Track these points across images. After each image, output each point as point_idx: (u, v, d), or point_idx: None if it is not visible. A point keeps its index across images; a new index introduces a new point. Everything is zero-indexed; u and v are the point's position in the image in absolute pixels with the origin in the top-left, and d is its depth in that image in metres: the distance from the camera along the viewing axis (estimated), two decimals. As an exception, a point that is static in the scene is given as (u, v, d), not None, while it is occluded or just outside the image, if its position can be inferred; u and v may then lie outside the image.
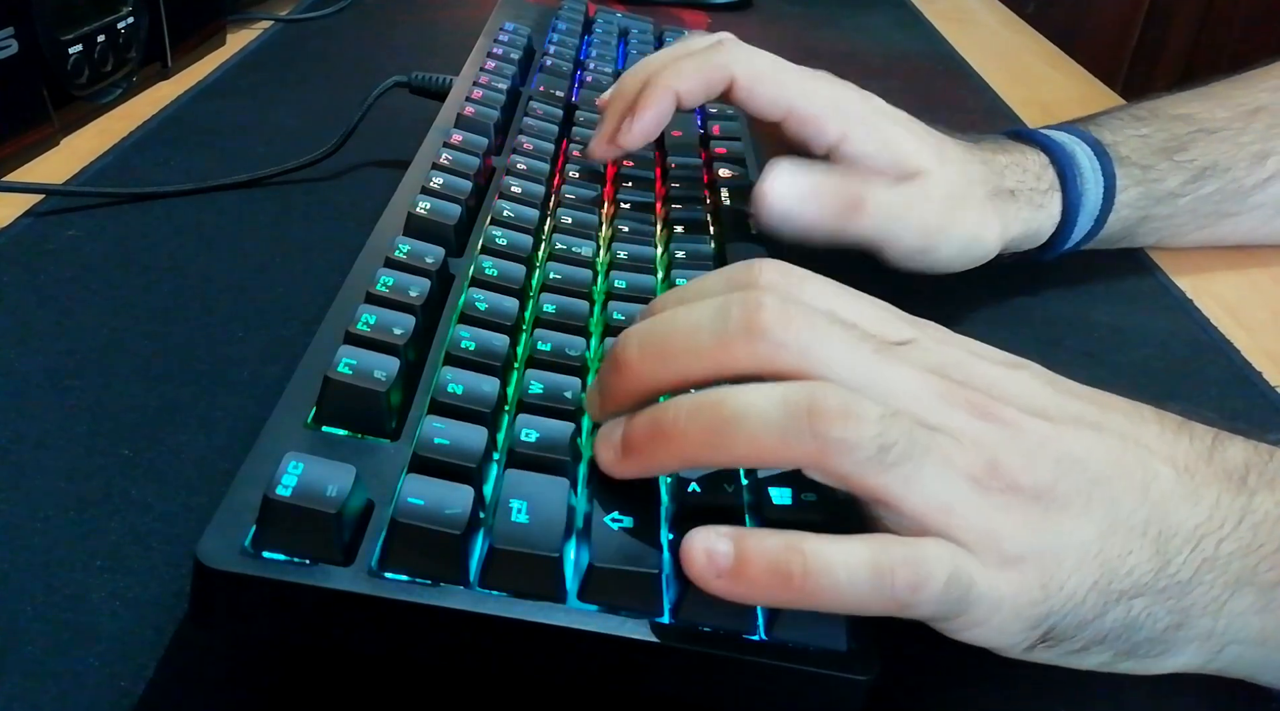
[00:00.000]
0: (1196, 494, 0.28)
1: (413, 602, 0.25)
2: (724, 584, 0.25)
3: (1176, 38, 1.30)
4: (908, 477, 0.25)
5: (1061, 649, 0.27)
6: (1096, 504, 0.27)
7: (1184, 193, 0.51)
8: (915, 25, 0.97)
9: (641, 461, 0.27)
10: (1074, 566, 0.26)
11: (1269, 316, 0.52)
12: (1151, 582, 0.27)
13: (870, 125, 0.43)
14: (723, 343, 0.26)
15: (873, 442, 0.25)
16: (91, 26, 0.58)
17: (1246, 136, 0.52)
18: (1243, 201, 0.53)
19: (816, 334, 0.26)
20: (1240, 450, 0.29)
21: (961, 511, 0.26)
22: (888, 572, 0.25)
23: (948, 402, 0.27)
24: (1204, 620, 0.27)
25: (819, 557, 0.24)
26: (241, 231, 0.50)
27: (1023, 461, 0.26)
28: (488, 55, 0.56)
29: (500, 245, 0.38)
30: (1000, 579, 0.26)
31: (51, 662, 0.28)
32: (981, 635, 0.27)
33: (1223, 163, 0.51)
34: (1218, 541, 0.27)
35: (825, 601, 0.25)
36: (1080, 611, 0.26)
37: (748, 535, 0.25)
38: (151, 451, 0.36)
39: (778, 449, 0.25)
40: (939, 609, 0.25)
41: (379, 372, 0.29)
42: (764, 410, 0.25)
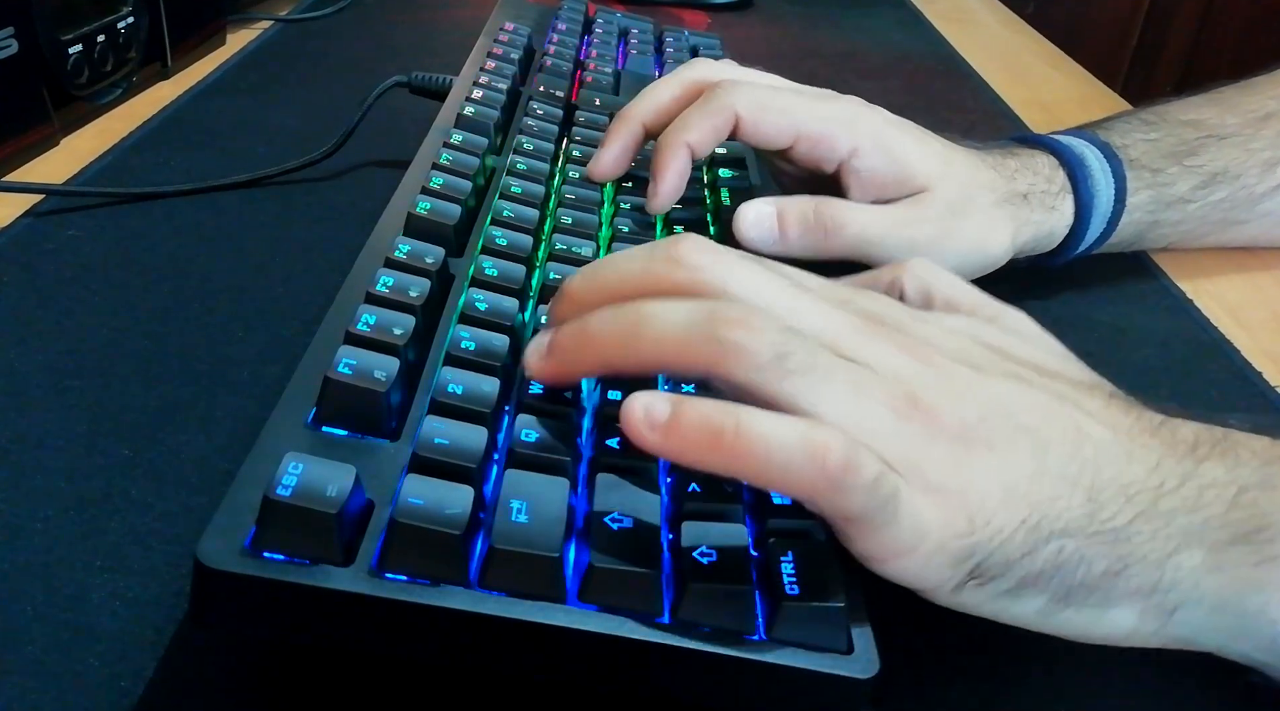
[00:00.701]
0: (1133, 454, 0.28)
1: (413, 602, 0.25)
2: (656, 437, 0.25)
3: (1176, 38, 1.30)
4: (809, 390, 0.26)
5: (992, 588, 0.27)
6: (1023, 448, 0.27)
7: (1194, 198, 0.51)
8: (915, 25, 0.97)
9: (563, 360, 0.29)
10: (1000, 503, 0.26)
11: (1269, 316, 0.52)
12: (1083, 526, 0.27)
13: (879, 138, 0.44)
14: (648, 269, 0.29)
15: (769, 349, 0.26)
16: (91, 26, 0.58)
17: (1257, 143, 0.52)
18: (1252, 208, 0.53)
19: (728, 262, 0.29)
20: (1193, 429, 0.29)
21: (879, 433, 0.26)
22: (821, 447, 0.24)
23: (868, 337, 0.28)
24: (1145, 570, 0.27)
25: (753, 420, 0.25)
26: (241, 231, 0.50)
27: (944, 398, 0.27)
28: (488, 55, 0.56)
29: (500, 245, 0.38)
30: (924, 503, 0.26)
31: (51, 662, 0.28)
32: (908, 567, 0.26)
33: (1233, 169, 0.51)
34: (1156, 497, 0.27)
35: (756, 467, 0.25)
36: (1008, 547, 0.26)
37: (686, 398, 0.26)
38: (151, 451, 0.36)
39: (680, 351, 0.26)
40: (868, 502, 0.25)
41: (379, 372, 0.29)
42: (670, 313, 0.27)
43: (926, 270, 0.35)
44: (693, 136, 0.42)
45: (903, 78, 0.82)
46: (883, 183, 0.44)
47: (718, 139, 0.43)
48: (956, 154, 0.46)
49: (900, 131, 0.45)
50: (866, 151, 0.43)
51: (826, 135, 0.43)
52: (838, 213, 0.43)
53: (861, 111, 0.44)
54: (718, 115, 0.43)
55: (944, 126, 0.48)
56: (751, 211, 0.43)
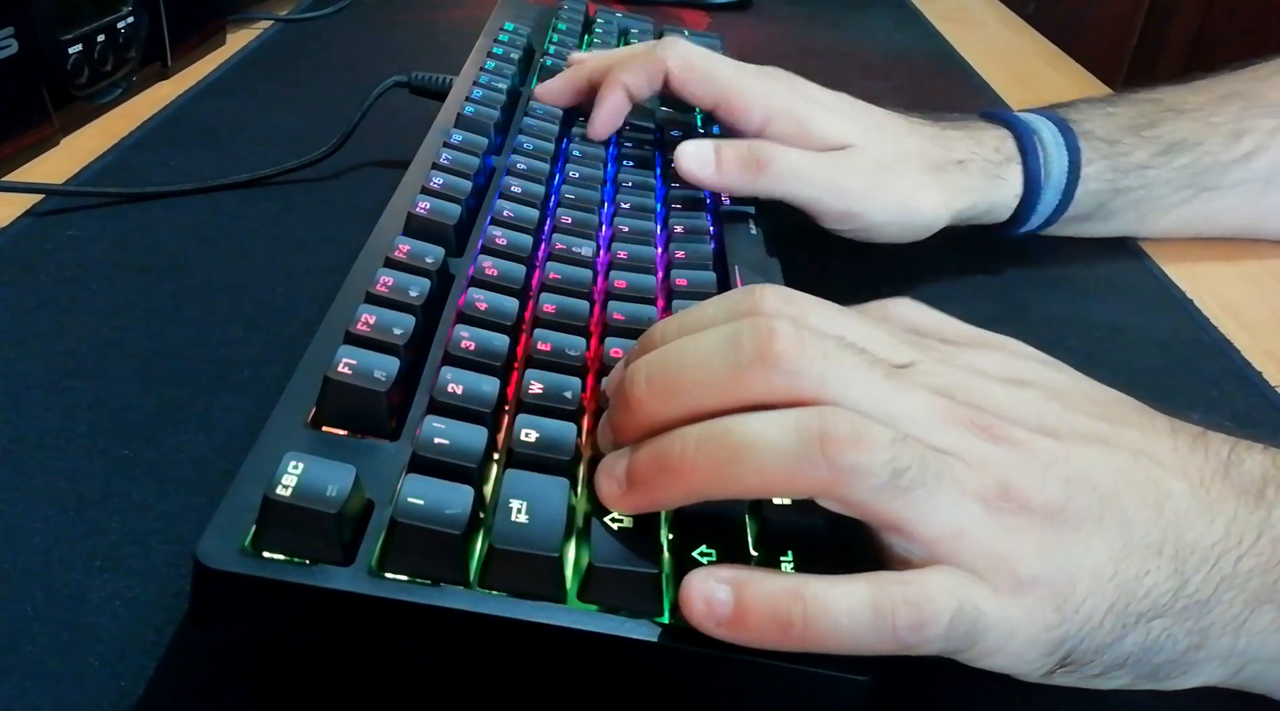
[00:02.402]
0: (1212, 509, 0.27)
1: (413, 602, 0.25)
2: (724, 632, 0.25)
3: (1176, 38, 1.30)
4: (920, 503, 0.25)
5: (1081, 673, 0.27)
6: (1109, 523, 0.26)
7: (1152, 164, 0.52)
8: (915, 25, 0.97)
9: (647, 495, 0.26)
10: (1089, 588, 0.26)
11: (1269, 316, 0.52)
12: (1170, 603, 0.26)
13: (790, 111, 0.47)
14: (736, 373, 0.26)
15: (886, 468, 0.24)
16: (91, 26, 0.58)
17: (1219, 118, 0.53)
18: (1223, 176, 0.53)
19: (830, 361, 0.26)
20: (1258, 462, 0.29)
21: (973, 535, 0.25)
22: (889, 614, 0.24)
23: (955, 424, 0.27)
24: (1224, 639, 0.27)
25: (819, 602, 0.24)
26: (241, 231, 0.50)
27: (1032, 481, 0.26)
28: (488, 55, 0.56)
29: (500, 245, 0.38)
30: (1012, 605, 0.26)
31: (51, 662, 0.28)
32: (999, 662, 0.26)
33: (1192, 138, 0.52)
34: (1236, 558, 0.27)
35: (827, 645, 0.25)
36: (1098, 635, 0.26)
37: (747, 581, 0.25)
38: (151, 451, 0.36)
39: (789, 478, 0.25)
40: (946, 645, 0.25)
41: (379, 372, 0.29)
42: (775, 439, 0.24)
43: (914, 310, 0.34)
44: (629, 77, 0.48)
45: (903, 78, 0.82)
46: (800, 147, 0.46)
47: (652, 85, 0.48)
48: (889, 122, 0.49)
49: (817, 105, 0.48)
50: (778, 122, 0.47)
51: (741, 106, 0.47)
52: (769, 150, 0.46)
53: (779, 87, 0.48)
54: (652, 64, 0.47)
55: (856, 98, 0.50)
56: (692, 147, 0.45)
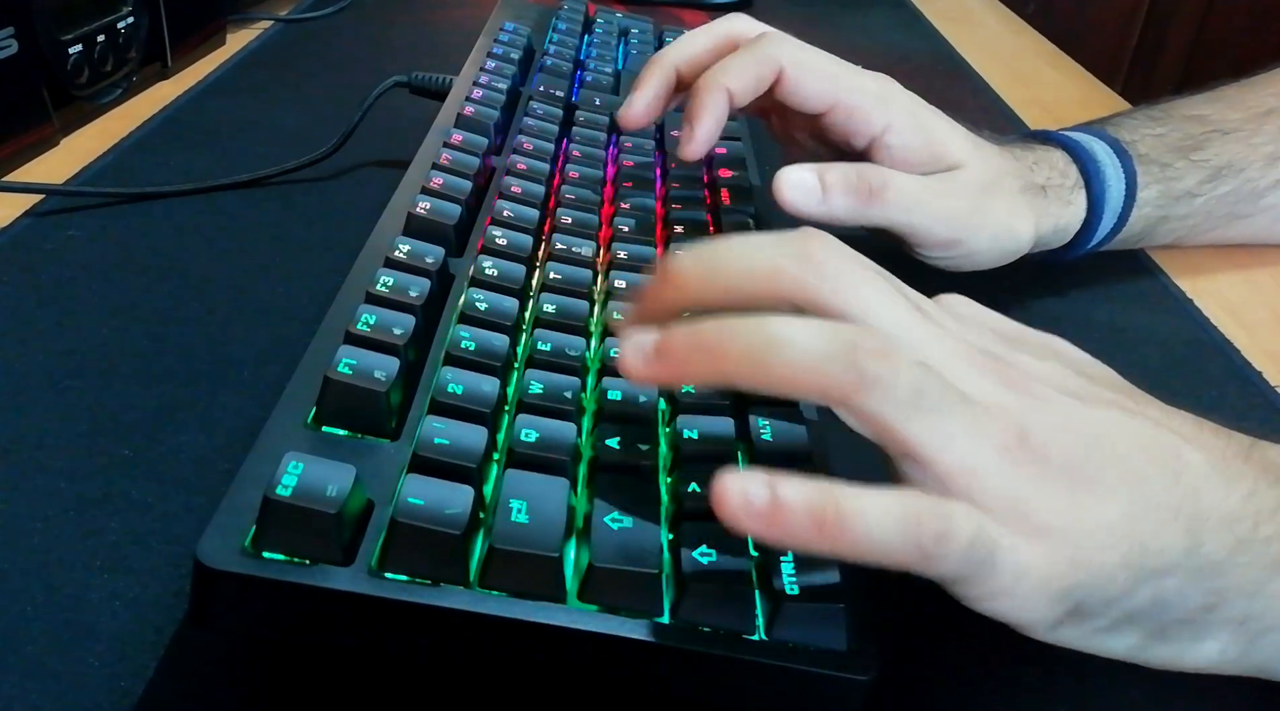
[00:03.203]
0: (1230, 482, 0.27)
1: (413, 602, 0.25)
2: (757, 524, 0.24)
3: (1176, 38, 1.30)
4: (937, 430, 0.25)
5: (1089, 626, 0.27)
6: (1125, 482, 0.26)
7: (1200, 192, 0.51)
8: (915, 25, 0.97)
9: (672, 368, 0.26)
10: (1102, 542, 0.26)
11: (1269, 316, 0.52)
12: (1183, 562, 0.26)
13: (914, 117, 0.44)
14: (776, 266, 0.27)
15: (908, 385, 0.25)
16: (91, 26, 0.58)
17: (1259, 138, 0.52)
18: (1255, 202, 0.53)
19: (862, 279, 0.27)
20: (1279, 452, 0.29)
21: (988, 476, 0.25)
22: (915, 521, 0.24)
23: (979, 370, 0.27)
24: (1239, 602, 0.27)
25: (852, 503, 0.24)
26: (241, 231, 0.50)
27: (1052, 434, 0.26)
28: (488, 55, 0.56)
29: (500, 245, 0.38)
30: (1026, 549, 0.25)
31: (51, 662, 0.28)
32: (1006, 607, 0.26)
33: (1237, 163, 0.52)
34: (1254, 524, 0.27)
35: (855, 547, 0.24)
36: (1109, 587, 0.26)
37: (782, 480, 0.25)
38: (151, 451, 0.36)
39: (814, 377, 0.25)
40: (962, 566, 0.25)
41: (379, 373, 0.29)
42: (807, 337, 0.25)
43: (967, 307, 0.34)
44: (734, 81, 0.41)
45: (903, 78, 0.81)
46: (916, 161, 0.44)
47: (759, 88, 0.42)
48: (982, 140, 0.47)
49: (932, 113, 0.46)
50: (901, 128, 0.44)
51: (863, 107, 0.43)
52: (881, 176, 0.42)
53: (897, 89, 0.45)
54: (763, 64, 0.42)
55: None
56: (793, 174, 0.41)
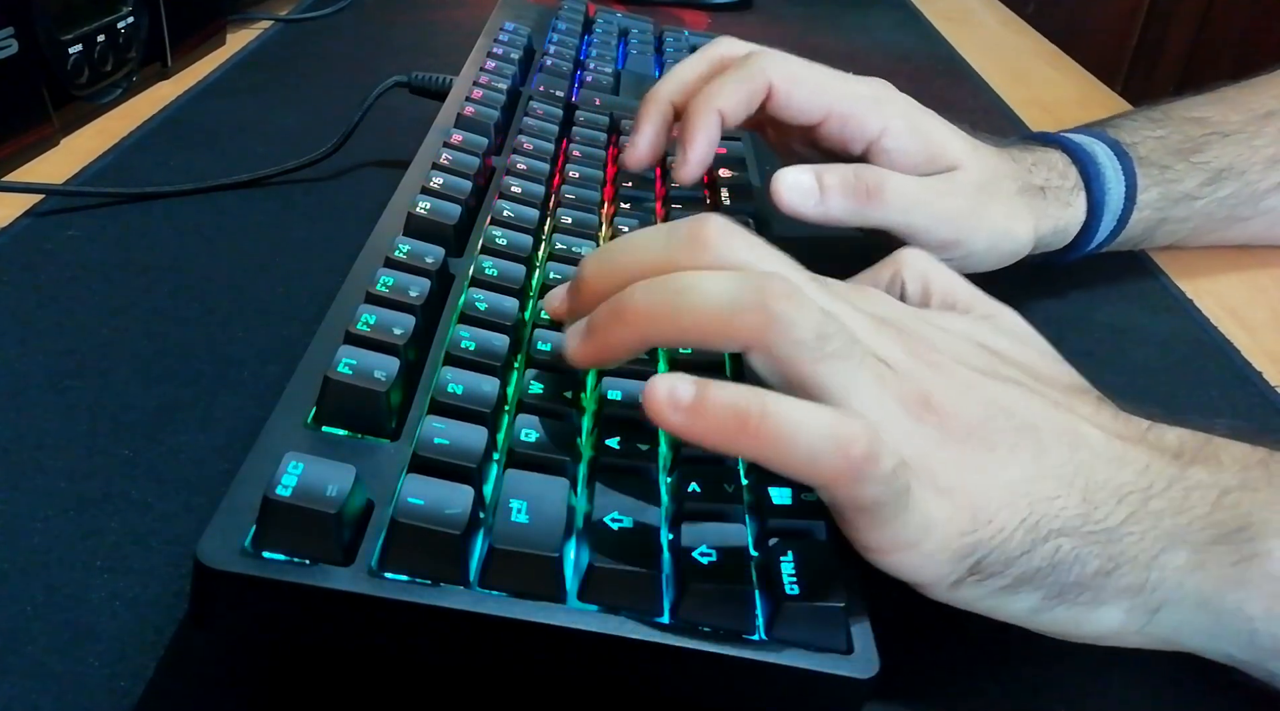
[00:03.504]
0: (1124, 457, 0.29)
1: (413, 602, 0.25)
2: (680, 418, 0.25)
3: (1176, 38, 1.30)
4: (842, 375, 0.26)
5: (990, 585, 0.27)
6: (1023, 449, 0.28)
7: (1200, 195, 0.51)
8: (915, 25, 0.97)
9: (600, 340, 0.28)
10: (1002, 502, 0.27)
11: (1269, 316, 0.52)
12: (1079, 525, 0.27)
13: (909, 119, 0.44)
14: (669, 254, 0.28)
15: (813, 327, 0.26)
16: (91, 26, 0.58)
17: (1260, 140, 0.52)
18: (1255, 205, 0.53)
19: (758, 252, 0.28)
20: (1177, 435, 0.30)
21: (895, 428, 0.26)
22: (847, 436, 0.25)
23: (883, 337, 0.28)
24: (1135, 570, 0.28)
25: (780, 405, 0.25)
26: (241, 231, 0.50)
27: (952, 398, 0.28)
28: (488, 55, 0.56)
29: (500, 245, 0.38)
30: (933, 503, 0.26)
31: (51, 662, 0.28)
32: (910, 561, 0.27)
33: (1238, 166, 0.52)
34: (1145, 498, 0.28)
35: (780, 451, 0.25)
36: (1008, 546, 0.27)
37: (712, 381, 0.25)
38: (151, 451, 0.36)
39: (724, 320, 0.26)
40: (882, 492, 0.25)
41: (379, 373, 0.29)
42: (715, 286, 0.26)
43: (925, 262, 0.35)
44: (725, 102, 0.42)
45: (903, 78, 0.81)
46: (913, 163, 0.44)
47: (750, 107, 0.42)
48: (980, 142, 0.47)
49: (928, 114, 0.46)
50: (897, 131, 0.44)
51: (857, 114, 0.43)
52: (878, 176, 0.43)
53: (891, 93, 0.45)
54: (751, 82, 0.42)
55: None
56: (789, 176, 0.42)
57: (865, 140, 0.44)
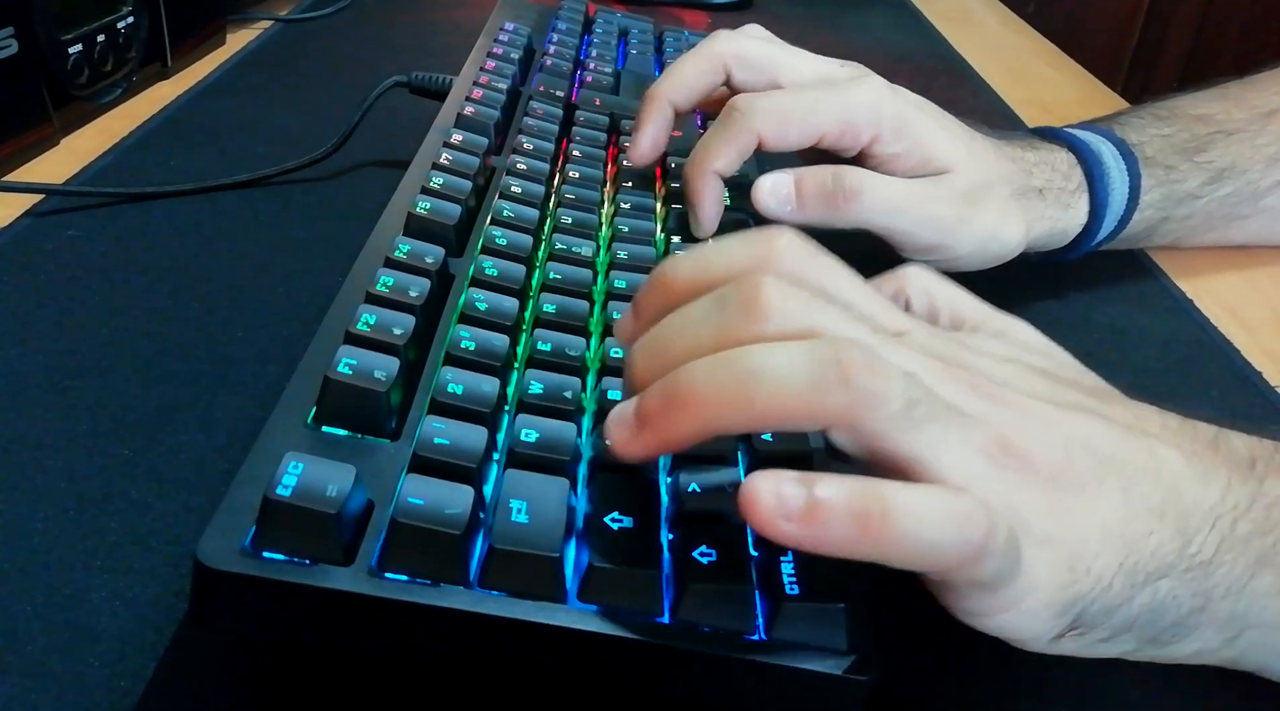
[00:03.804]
0: (1207, 476, 0.27)
1: (413, 602, 0.25)
2: (795, 528, 0.23)
3: (1176, 38, 1.30)
4: (933, 441, 0.24)
5: (1088, 638, 0.26)
6: (1110, 485, 0.26)
7: (1202, 194, 0.51)
8: (915, 25, 0.97)
9: (658, 433, 0.25)
10: (1098, 548, 0.25)
11: (1269, 316, 0.52)
12: (1175, 562, 0.26)
13: (900, 123, 0.44)
14: (725, 331, 0.25)
15: (901, 395, 0.24)
16: (91, 26, 0.58)
17: (1262, 138, 0.52)
18: (1255, 203, 0.53)
19: (818, 309, 0.26)
20: (1244, 442, 0.29)
21: (984, 485, 0.25)
22: (965, 515, 0.23)
23: (950, 381, 0.26)
24: (1225, 602, 0.27)
25: (899, 500, 0.23)
26: (241, 231, 0.50)
27: (1033, 440, 0.26)
28: (488, 55, 0.56)
29: (500, 245, 0.38)
30: (1030, 555, 0.25)
31: (51, 662, 0.28)
32: (1011, 620, 0.26)
33: (1240, 164, 0.52)
34: (1233, 520, 0.27)
35: (903, 548, 0.23)
36: (1108, 596, 0.26)
37: (820, 477, 0.23)
38: (151, 451, 0.36)
39: (806, 402, 0.24)
40: (1001, 566, 0.24)
41: (379, 372, 0.29)
42: (789, 363, 0.24)
43: (929, 279, 0.33)
44: (719, 163, 0.42)
45: (903, 78, 0.81)
46: (905, 166, 0.44)
47: (742, 158, 0.43)
48: (977, 141, 0.46)
49: (923, 114, 0.45)
50: (887, 138, 0.44)
51: (849, 127, 0.43)
52: (856, 180, 0.43)
53: (883, 96, 0.44)
54: (740, 138, 0.42)
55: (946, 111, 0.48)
56: (769, 181, 0.43)
57: (857, 149, 0.44)
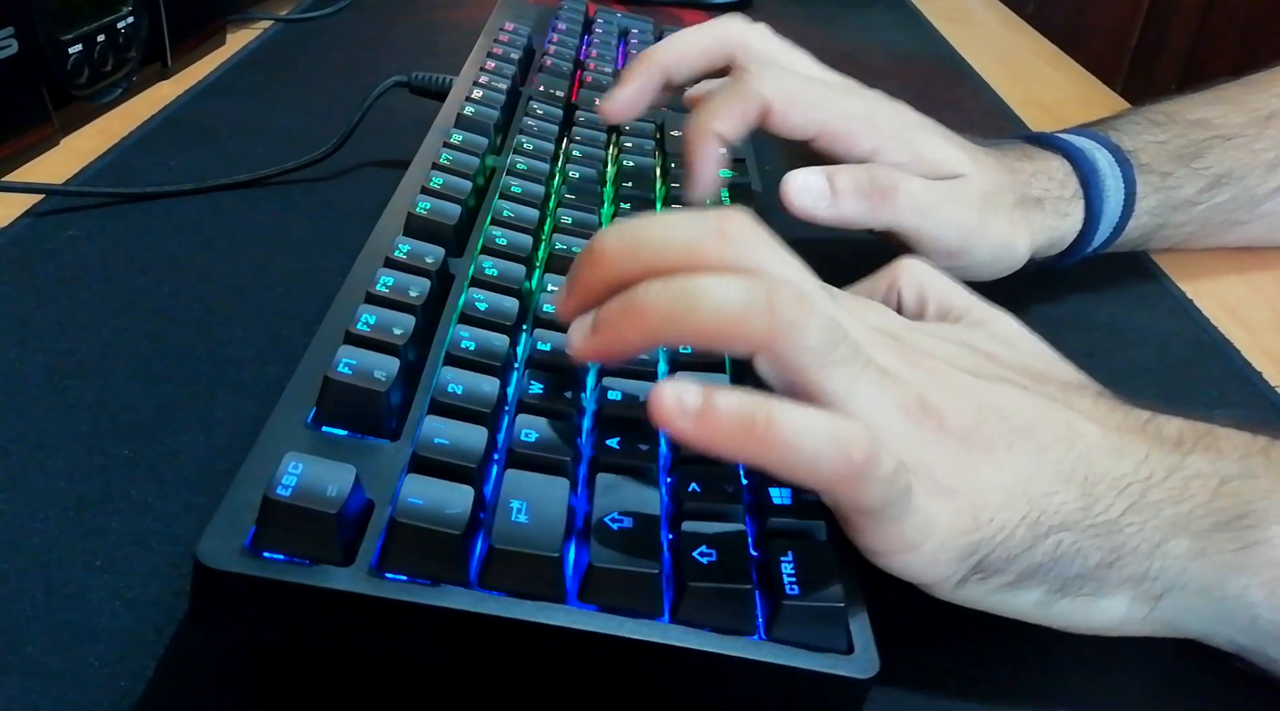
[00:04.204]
0: (1122, 449, 0.29)
1: (413, 602, 0.25)
2: (688, 424, 0.25)
3: (1176, 38, 1.30)
4: (847, 382, 0.27)
5: (993, 582, 0.28)
6: (1020, 449, 0.28)
7: (1199, 201, 0.51)
8: (915, 25, 0.97)
9: (609, 336, 0.28)
10: (1002, 501, 0.27)
11: (1269, 316, 0.52)
12: (1079, 519, 0.28)
13: (902, 136, 0.44)
14: (696, 239, 0.28)
15: (821, 332, 0.26)
16: (91, 26, 0.58)
17: (1260, 143, 0.52)
18: (1253, 209, 0.53)
19: (777, 256, 0.29)
20: (1178, 425, 0.31)
21: (895, 432, 0.27)
22: (848, 440, 0.25)
23: (882, 346, 0.29)
24: (1136, 560, 0.28)
25: (784, 412, 0.25)
26: (241, 231, 0.50)
27: (948, 402, 0.28)
28: (488, 55, 0.56)
29: (500, 245, 0.38)
30: (934, 503, 0.27)
31: (51, 662, 0.28)
32: (914, 562, 0.27)
33: (1238, 171, 0.52)
34: (1145, 489, 0.28)
35: (784, 456, 0.25)
36: (1010, 543, 0.27)
37: (718, 388, 0.26)
38: (151, 451, 0.36)
39: (735, 324, 0.26)
40: (884, 495, 0.26)
41: (379, 372, 0.29)
42: (728, 287, 0.26)
43: (922, 271, 0.36)
44: (721, 124, 0.41)
45: (903, 78, 0.82)
46: None
47: (746, 126, 0.42)
48: (979, 153, 0.46)
49: (924, 131, 0.45)
50: (889, 149, 0.43)
51: (849, 132, 0.43)
52: (891, 177, 0.42)
53: (885, 110, 0.44)
54: (747, 102, 0.41)
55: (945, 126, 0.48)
56: (800, 178, 0.41)
57: (858, 157, 0.43)
